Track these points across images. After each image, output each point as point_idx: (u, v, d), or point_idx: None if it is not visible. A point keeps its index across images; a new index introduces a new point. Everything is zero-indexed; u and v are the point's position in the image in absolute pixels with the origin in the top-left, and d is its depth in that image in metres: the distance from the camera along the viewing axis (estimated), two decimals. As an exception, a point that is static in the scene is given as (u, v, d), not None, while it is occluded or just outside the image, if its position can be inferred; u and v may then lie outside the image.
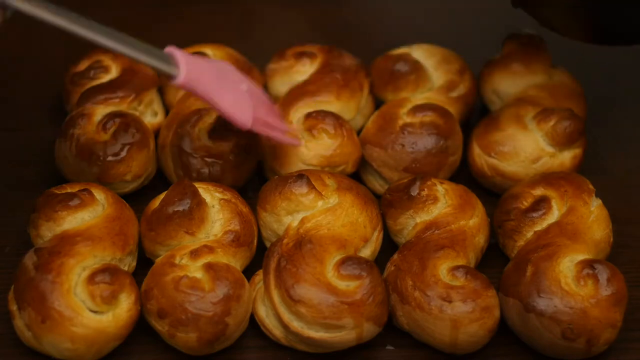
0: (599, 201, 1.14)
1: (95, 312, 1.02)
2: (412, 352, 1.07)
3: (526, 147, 1.21)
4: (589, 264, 1.04)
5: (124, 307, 1.04)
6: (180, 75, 1.06)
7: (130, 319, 1.04)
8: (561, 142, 1.20)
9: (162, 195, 1.11)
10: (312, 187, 1.11)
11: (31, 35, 1.49)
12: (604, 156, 1.31)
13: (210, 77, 1.10)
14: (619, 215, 1.16)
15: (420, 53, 1.32)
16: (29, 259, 1.04)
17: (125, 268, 1.09)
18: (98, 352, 1.03)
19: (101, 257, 1.06)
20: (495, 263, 1.14)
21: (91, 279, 1.03)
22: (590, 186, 1.14)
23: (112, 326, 1.02)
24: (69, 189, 1.12)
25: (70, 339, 1.01)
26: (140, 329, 1.07)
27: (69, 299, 1.01)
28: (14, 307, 1.04)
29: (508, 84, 1.31)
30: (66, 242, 1.05)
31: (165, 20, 1.52)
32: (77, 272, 1.04)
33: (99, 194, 1.12)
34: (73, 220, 1.09)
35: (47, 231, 1.09)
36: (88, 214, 1.10)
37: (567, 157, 1.21)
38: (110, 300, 1.02)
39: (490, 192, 1.24)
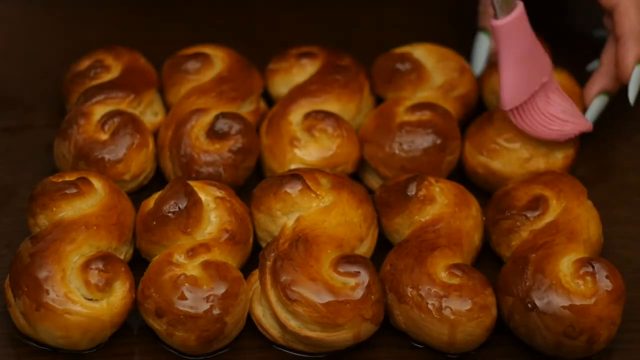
0: (590, 202, 1.13)
1: (89, 299, 1.02)
2: (411, 352, 1.07)
3: (518, 146, 1.20)
4: (587, 262, 1.04)
5: (119, 294, 1.04)
6: (503, 21, 1.13)
7: (124, 307, 1.04)
8: (553, 142, 1.20)
9: (156, 195, 1.11)
10: (306, 186, 1.10)
11: (31, 34, 1.49)
12: (603, 156, 1.30)
13: (521, 47, 1.15)
14: (617, 216, 1.15)
15: (421, 52, 1.32)
16: (25, 247, 1.05)
17: (122, 257, 1.09)
18: (92, 339, 1.03)
19: (97, 245, 1.06)
20: (485, 262, 1.14)
21: (86, 266, 1.03)
22: (582, 186, 1.14)
23: (107, 314, 1.02)
24: (67, 177, 1.12)
25: (64, 327, 1.01)
26: (140, 328, 1.07)
27: (64, 286, 1.02)
28: (9, 295, 1.04)
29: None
30: (62, 230, 1.05)
31: (166, 20, 1.52)
32: (72, 259, 1.04)
33: (97, 183, 1.12)
34: (70, 208, 1.09)
35: (45, 219, 1.09)
36: (85, 203, 1.09)
37: (559, 157, 1.21)
38: (105, 287, 1.03)
39: (486, 190, 1.23)
